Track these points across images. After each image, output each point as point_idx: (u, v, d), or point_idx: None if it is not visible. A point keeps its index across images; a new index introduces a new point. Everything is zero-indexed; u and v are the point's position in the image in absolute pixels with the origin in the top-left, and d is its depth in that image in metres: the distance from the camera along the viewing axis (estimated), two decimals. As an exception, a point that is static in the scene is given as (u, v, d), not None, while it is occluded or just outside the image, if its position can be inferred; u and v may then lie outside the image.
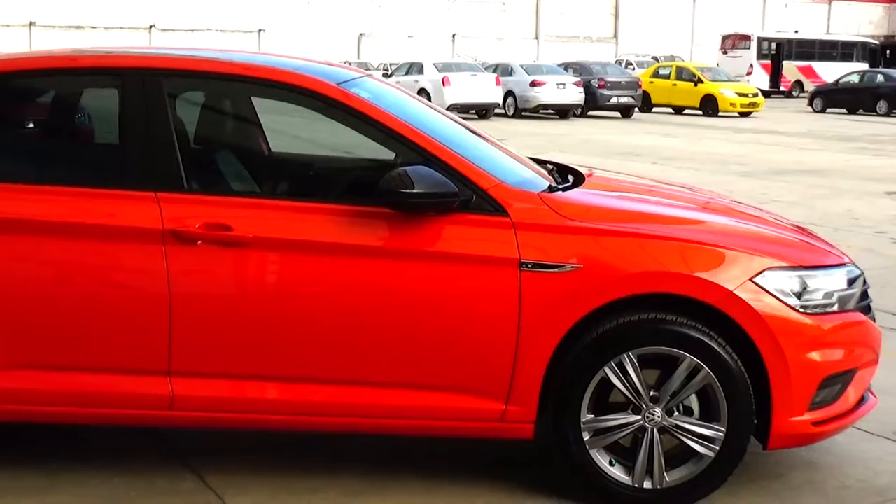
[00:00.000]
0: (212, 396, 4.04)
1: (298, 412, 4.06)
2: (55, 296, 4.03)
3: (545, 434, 4.08)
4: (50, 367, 4.05)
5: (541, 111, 32.44)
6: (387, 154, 4.38)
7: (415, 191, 3.85)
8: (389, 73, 36.72)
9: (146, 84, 4.15)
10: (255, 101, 5.13)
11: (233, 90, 4.90)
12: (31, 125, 5.15)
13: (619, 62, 48.12)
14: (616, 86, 33.14)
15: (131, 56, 4.51)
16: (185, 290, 3.97)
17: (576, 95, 32.13)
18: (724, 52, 50.26)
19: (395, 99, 4.68)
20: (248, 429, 4.29)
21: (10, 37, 50.53)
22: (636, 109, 33.96)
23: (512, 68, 33.55)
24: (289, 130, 6.62)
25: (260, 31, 57.05)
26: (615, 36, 65.92)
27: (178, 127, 4.25)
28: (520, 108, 32.13)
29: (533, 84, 31.77)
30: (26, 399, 4.06)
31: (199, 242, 3.96)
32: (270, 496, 4.17)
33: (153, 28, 55.59)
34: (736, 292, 3.91)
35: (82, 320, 4.02)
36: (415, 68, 33.07)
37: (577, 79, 32.72)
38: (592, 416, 4.03)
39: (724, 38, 51.18)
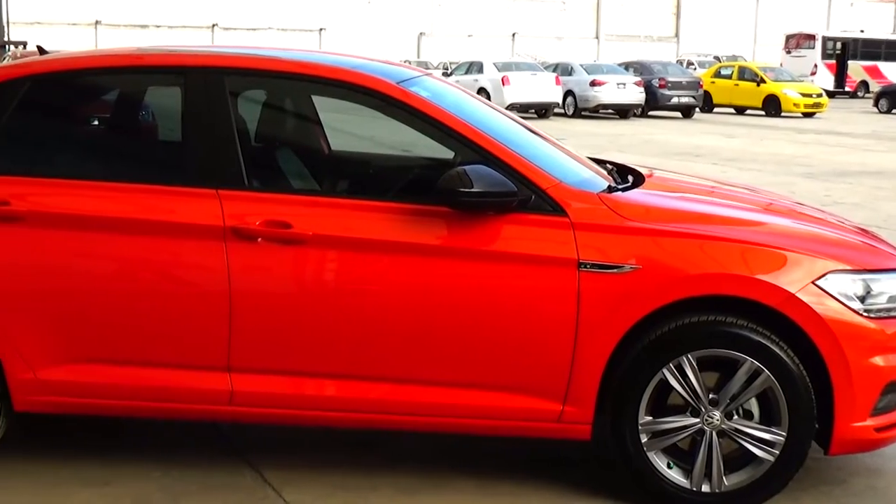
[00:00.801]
0: (270, 392, 4.07)
1: (355, 409, 4.08)
2: (118, 291, 4.09)
3: (602, 435, 4.06)
4: (112, 361, 4.11)
5: (600, 111, 32.26)
6: (446, 153, 4.39)
7: (473, 190, 3.85)
8: (449, 72, 36.75)
9: (208, 82, 4.19)
10: (316, 99, 5.16)
11: (293, 88, 4.95)
12: (96, 123, 5.24)
13: (680, 62, 47.71)
14: (677, 85, 32.85)
15: (194, 55, 4.55)
16: (245, 287, 4.00)
17: (636, 95, 31.91)
18: (788, 52, 49.62)
19: (454, 98, 4.68)
20: (305, 425, 4.32)
21: (76, 35, 51.41)
22: (697, 109, 33.65)
23: (572, 67, 33.41)
24: (348, 129, 6.65)
25: (321, 30, 57.44)
26: (676, 35, 65.44)
27: (239, 125, 4.29)
28: (579, 108, 31.98)
29: (593, 83, 31.61)
30: (89, 392, 4.13)
31: (259, 239, 3.99)
32: (328, 493, 4.19)
33: (216, 27, 56.21)
34: (798, 295, 3.86)
35: (144, 315, 4.07)
36: (474, 67, 33.06)
37: (638, 78, 32.49)
38: (650, 418, 4.00)
39: (788, 38, 50.54)
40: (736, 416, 3.98)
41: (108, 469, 4.36)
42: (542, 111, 31.53)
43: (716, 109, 35.77)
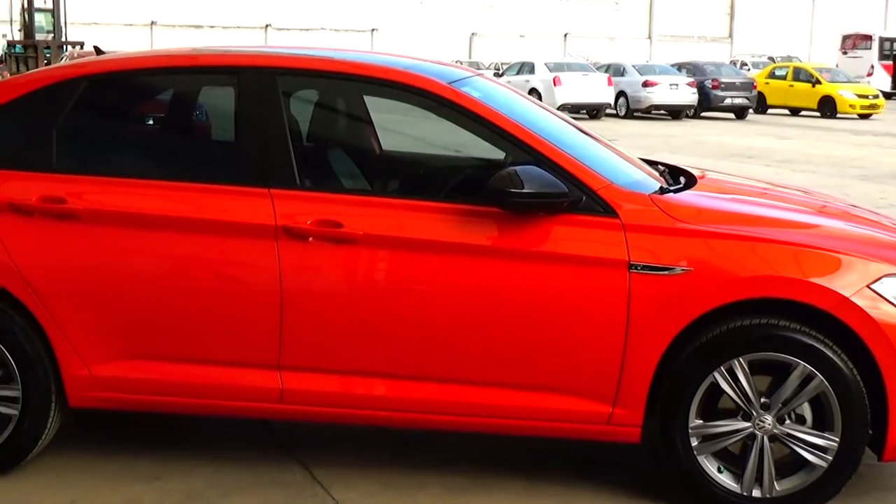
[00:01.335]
0: (320, 391, 4.09)
1: (404, 409, 4.09)
2: (171, 289, 4.13)
3: (652, 438, 4.04)
4: (164, 358, 4.15)
5: (653, 112, 32.07)
6: (497, 153, 4.39)
7: (524, 191, 3.84)
8: (500, 72, 36.73)
9: (261, 82, 4.22)
10: (367, 99, 5.18)
11: (345, 89, 4.97)
12: (151, 122, 5.30)
13: (733, 62, 47.30)
14: (730, 86, 32.54)
15: (247, 55, 4.59)
16: (296, 286, 4.03)
17: (689, 96, 31.66)
18: (844, 53, 48.99)
19: (505, 98, 4.68)
20: (354, 424, 4.34)
21: (132, 36, 52.06)
22: (751, 111, 33.32)
23: (624, 68, 33.24)
24: (400, 129, 6.67)
25: (373, 30, 57.67)
26: (730, 35, 64.89)
27: (291, 125, 4.32)
28: (631, 109, 31.80)
29: (645, 84, 31.42)
30: (141, 389, 4.17)
31: (311, 239, 4.01)
32: (376, 490, 4.21)
33: (269, 27, 56.64)
34: (852, 299, 3.81)
35: (196, 313, 4.11)
36: (526, 68, 33.00)
37: (691, 79, 32.23)
38: (701, 421, 3.97)
39: (845, 38, 49.89)
40: (788, 421, 3.94)
41: (159, 464, 4.41)
42: (594, 112, 31.39)
43: (770, 111, 35.38)
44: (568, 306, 3.93)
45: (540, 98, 28.39)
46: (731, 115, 32.89)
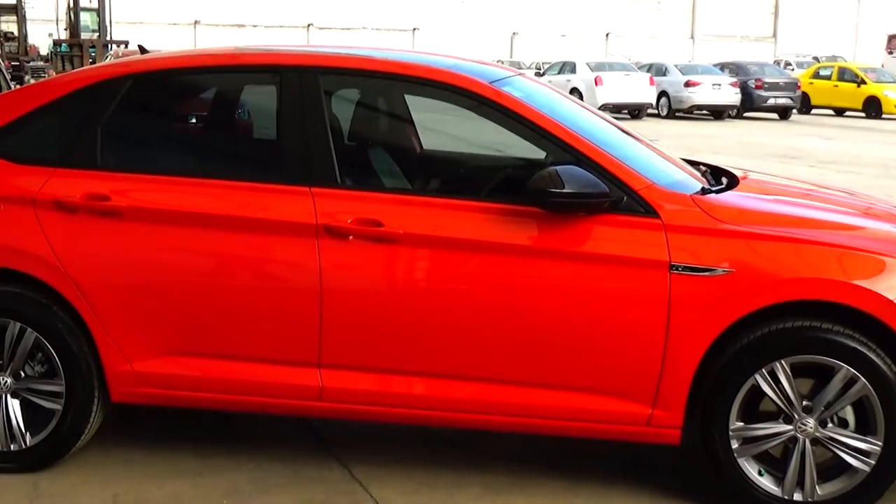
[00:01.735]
0: (359, 389, 4.10)
1: (443, 408, 4.09)
2: (212, 286, 4.16)
3: (692, 440, 4.01)
4: (205, 355, 4.18)
5: (695, 112, 31.87)
6: (538, 153, 4.38)
7: (565, 190, 3.83)
8: (542, 71, 36.64)
9: (303, 81, 4.24)
10: (409, 98, 5.19)
11: (387, 88, 4.98)
12: (194, 121, 5.34)
13: (777, 62, 46.87)
14: (774, 87, 32.27)
15: (289, 54, 4.61)
16: (336, 284, 4.04)
17: (731, 96, 31.43)
18: (890, 53, 48.35)
19: (546, 98, 4.67)
20: (393, 422, 4.34)
21: (176, 34, 52.51)
22: (794, 111, 33.03)
23: (666, 68, 33.06)
24: (441, 128, 6.68)
25: (414, 29, 57.78)
26: (774, 35, 64.35)
27: (332, 124, 4.33)
28: (673, 109, 31.62)
29: (687, 84, 31.22)
30: (182, 385, 4.21)
31: (351, 237, 4.03)
32: (413, 489, 4.22)
33: (311, 26, 56.90)
34: (897, 302, 3.77)
35: (237, 310, 4.13)
36: (567, 67, 32.92)
37: (734, 79, 31.99)
38: (742, 423, 3.94)
39: (891, 38, 49.23)
40: (830, 424, 3.91)
41: (200, 460, 4.45)
42: (636, 112, 31.25)
43: (814, 111, 35.04)
44: (607, 307, 3.91)
45: (581, 98, 28.31)
46: (775, 116, 32.62)
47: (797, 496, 3.93)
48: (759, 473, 3.97)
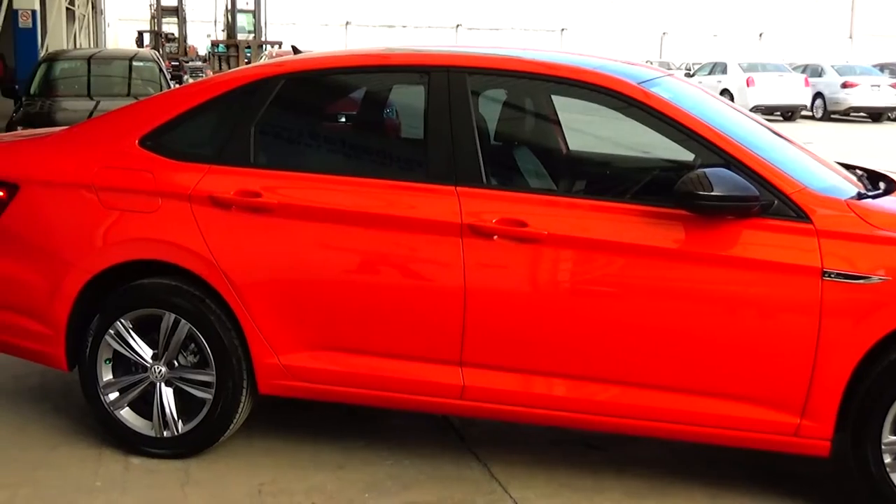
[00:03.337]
0: (501, 389, 4.11)
1: (585, 410, 4.06)
2: (358, 283, 4.23)
3: (843, 453, 3.88)
4: (349, 350, 4.25)
5: (851, 114, 30.85)
6: (686, 155, 4.30)
7: (713, 194, 3.76)
8: (692, 72, 36.02)
9: (451, 81, 4.26)
10: (555, 99, 5.17)
11: (534, 88, 4.97)
12: (344, 119, 5.44)
13: (942, 62, 44.94)
14: (938, 87, 30.98)
15: (437, 54, 4.65)
16: (480, 284, 4.06)
17: (891, 98, 30.28)
18: None
19: (695, 99, 4.58)
20: (534, 423, 4.34)
21: (328, 35, 53.59)
22: (960, 114, 31.65)
23: (822, 68, 32.10)
24: (587, 129, 6.63)
25: (562, 29, 57.55)
26: (939, 34, 61.67)
27: (479, 124, 4.35)
28: (829, 111, 30.67)
29: (844, 85, 30.25)
30: (326, 379, 4.28)
31: (495, 237, 4.03)
32: (553, 491, 4.20)
33: (459, 27, 57.25)
34: None
35: (382, 307, 4.19)
36: (718, 68, 32.29)
37: (894, 80, 30.84)
38: (895, 437, 3.80)
39: None
40: None
41: (342, 453, 4.52)
42: (789, 114, 30.44)
43: (982, 113, 33.48)
44: (756, 313, 3.82)
45: (732, 99, 27.71)
46: (938, 118, 31.31)
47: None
48: (913, 490, 3.82)
